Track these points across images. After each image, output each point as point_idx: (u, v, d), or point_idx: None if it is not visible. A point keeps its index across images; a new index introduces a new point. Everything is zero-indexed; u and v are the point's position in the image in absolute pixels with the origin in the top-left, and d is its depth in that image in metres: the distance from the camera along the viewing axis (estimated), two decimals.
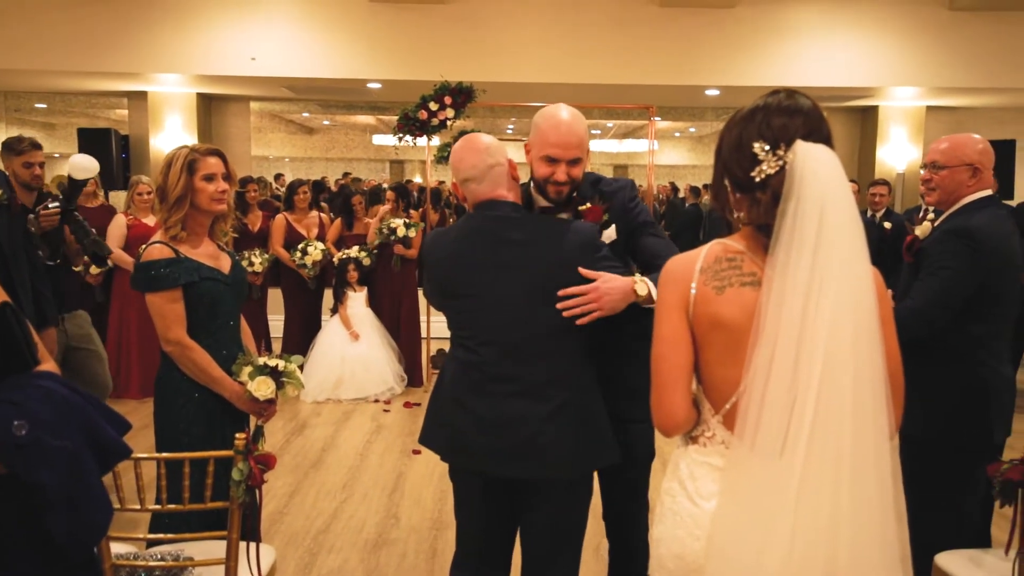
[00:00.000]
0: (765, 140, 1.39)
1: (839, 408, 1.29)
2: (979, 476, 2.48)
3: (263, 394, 2.48)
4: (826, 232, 1.30)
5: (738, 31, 7.17)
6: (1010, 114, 8.80)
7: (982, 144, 2.53)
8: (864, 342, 1.31)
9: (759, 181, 1.39)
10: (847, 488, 1.30)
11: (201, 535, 2.24)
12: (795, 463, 1.30)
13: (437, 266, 2.15)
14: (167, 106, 8.18)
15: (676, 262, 1.52)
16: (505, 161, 2.13)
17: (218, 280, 2.54)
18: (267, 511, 3.85)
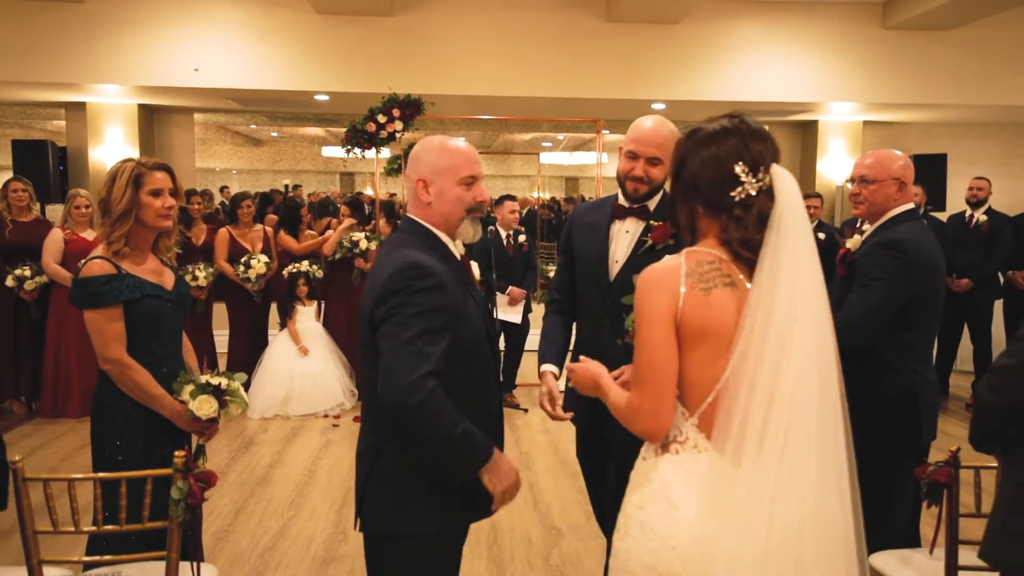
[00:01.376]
0: (745, 163, 1.51)
1: (808, 412, 1.41)
2: (909, 478, 2.58)
3: (205, 413, 2.44)
4: (801, 248, 1.45)
5: (683, 47, 7.33)
6: (942, 129, 9.17)
7: (904, 159, 2.65)
8: (827, 349, 1.45)
9: (739, 201, 1.50)
10: (815, 488, 1.40)
11: (140, 556, 2.19)
12: (772, 464, 1.39)
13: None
14: (107, 117, 7.98)
15: (658, 270, 1.53)
16: (415, 176, 1.96)
17: (161, 297, 2.49)
18: (212, 530, 3.77)
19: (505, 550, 3.64)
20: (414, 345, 1.70)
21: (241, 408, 2.54)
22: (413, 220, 1.94)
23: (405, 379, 1.68)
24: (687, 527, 1.44)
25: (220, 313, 6.30)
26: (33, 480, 1.98)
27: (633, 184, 2.38)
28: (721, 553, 1.38)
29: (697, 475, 1.48)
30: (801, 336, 1.42)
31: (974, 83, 7.47)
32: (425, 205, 1.91)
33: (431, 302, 1.74)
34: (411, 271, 1.76)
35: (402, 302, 1.73)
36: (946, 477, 2.13)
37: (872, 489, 2.58)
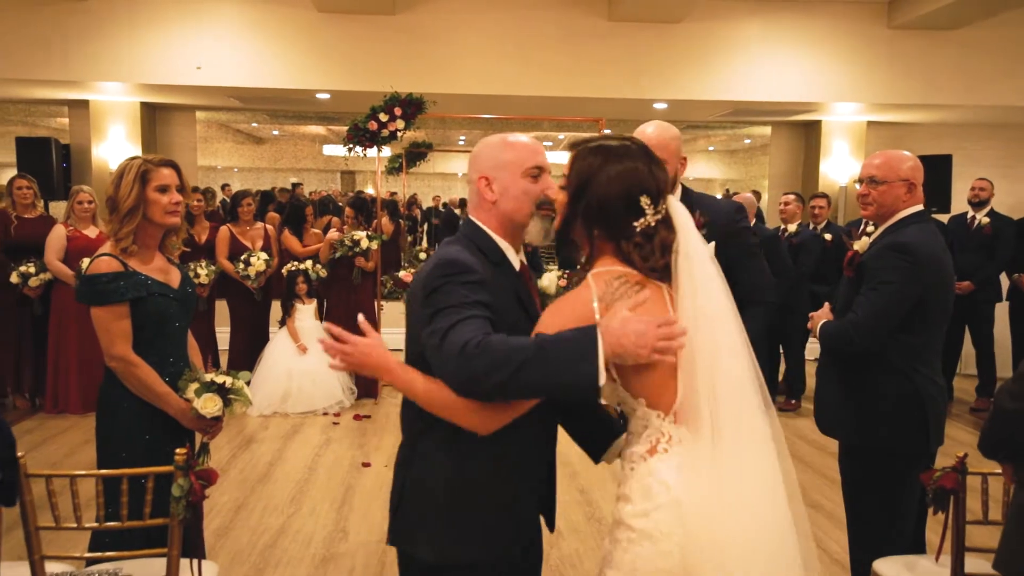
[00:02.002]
0: (650, 195, 1.58)
1: (742, 391, 1.54)
2: (915, 483, 2.56)
3: (210, 411, 2.44)
4: (709, 271, 1.59)
5: (685, 46, 7.32)
6: (947, 129, 9.14)
7: (913, 160, 2.62)
8: (740, 336, 1.58)
9: (641, 231, 1.57)
10: (767, 456, 1.54)
11: (141, 552, 2.19)
12: (738, 437, 1.51)
13: None
14: (109, 115, 7.98)
15: (569, 302, 1.57)
16: (476, 174, 1.82)
17: (167, 296, 2.49)
18: (212, 527, 3.77)
19: None
20: (455, 330, 1.52)
21: (245, 407, 2.53)
22: (472, 222, 1.78)
23: (455, 364, 1.49)
24: (694, 514, 1.48)
25: (222, 310, 6.29)
26: (35, 476, 1.97)
27: None
28: (720, 528, 1.45)
29: (688, 462, 1.52)
30: (719, 331, 1.56)
31: (979, 83, 7.44)
32: (489, 205, 1.76)
33: (470, 295, 1.58)
34: (447, 267, 1.62)
35: (440, 298, 1.58)
36: (953, 483, 2.11)
37: (877, 493, 2.59)
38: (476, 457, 1.65)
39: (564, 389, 1.47)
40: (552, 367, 1.45)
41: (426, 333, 1.58)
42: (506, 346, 1.47)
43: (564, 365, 1.44)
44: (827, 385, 2.76)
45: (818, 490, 4.44)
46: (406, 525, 1.74)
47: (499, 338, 1.49)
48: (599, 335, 1.44)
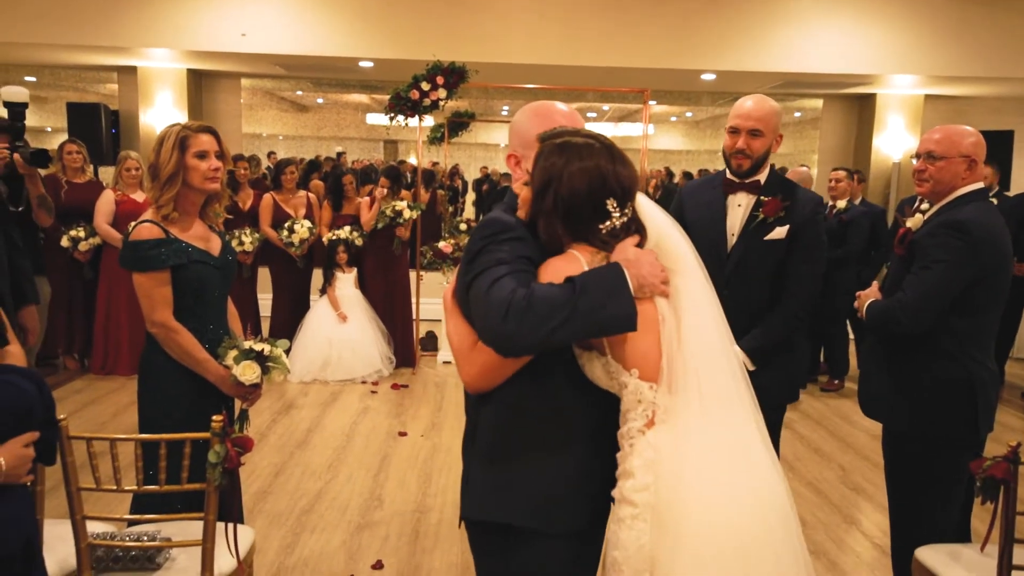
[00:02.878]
0: (616, 197, 1.56)
1: (721, 362, 1.56)
2: (962, 471, 2.47)
3: (248, 379, 2.46)
4: (685, 259, 1.60)
5: (734, 16, 7.10)
6: (1009, 104, 8.75)
7: (975, 136, 2.50)
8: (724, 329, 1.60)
9: (607, 233, 1.56)
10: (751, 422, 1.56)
11: (180, 516, 2.23)
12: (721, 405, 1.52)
13: None
14: (157, 81, 8.08)
15: (561, 266, 1.56)
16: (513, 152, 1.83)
17: (207, 263, 2.51)
18: (251, 490, 3.84)
19: None
20: (496, 286, 1.50)
21: (283, 374, 2.55)
22: (513, 193, 1.75)
23: (495, 318, 1.48)
24: (693, 482, 1.47)
25: (264, 277, 6.37)
26: (77, 439, 2.01)
27: (737, 160, 2.63)
28: (717, 496, 1.46)
29: (682, 433, 1.51)
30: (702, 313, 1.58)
31: None
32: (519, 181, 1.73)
33: (511, 251, 1.57)
34: (486, 227, 1.62)
35: (482, 259, 1.57)
36: (1004, 473, 2.03)
37: (922, 481, 2.51)
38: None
39: (605, 329, 1.51)
40: (593, 310, 1.47)
41: (472, 296, 1.57)
42: (547, 302, 1.46)
43: (604, 304, 1.47)
44: (873, 367, 2.68)
45: (860, 472, 4.34)
46: (483, 489, 1.73)
47: (539, 294, 1.48)
48: (625, 269, 1.50)
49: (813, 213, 2.64)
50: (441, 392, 5.75)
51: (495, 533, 1.66)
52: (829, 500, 3.94)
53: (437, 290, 6.71)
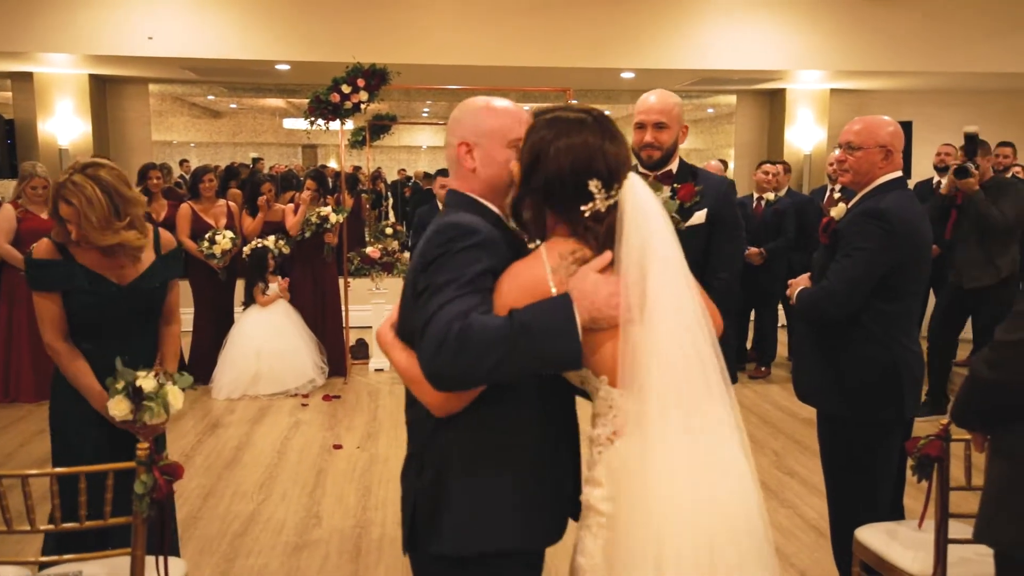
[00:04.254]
0: (601, 178, 1.47)
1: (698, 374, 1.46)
2: (892, 450, 2.55)
3: (116, 414, 2.26)
4: (656, 250, 1.46)
5: (651, 15, 7.22)
6: (907, 96, 9.19)
7: (893, 126, 2.58)
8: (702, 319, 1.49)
9: (590, 215, 1.48)
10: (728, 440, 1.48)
11: (103, 554, 2.08)
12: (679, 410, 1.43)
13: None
14: (56, 88, 7.64)
15: (522, 272, 1.49)
16: (457, 140, 1.72)
17: (98, 293, 2.37)
18: (179, 516, 3.63)
19: None
20: (439, 314, 1.42)
21: (158, 418, 2.27)
22: (457, 192, 1.66)
23: (427, 352, 1.41)
24: (655, 494, 1.42)
25: (183, 291, 6.09)
26: None
27: (647, 152, 2.69)
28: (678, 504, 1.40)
29: (643, 442, 1.45)
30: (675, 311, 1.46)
31: (939, 50, 7.47)
32: (468, 173, 1.64)
33: (470, 264, 1.46)
34: (447, 231, 1.49)
35: (435, 272, 1.47)
36: (938, 451, 2.10)
37: (856, 461, 2.58)
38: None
39: (547, 367, 1.46)
40: (534, 349, 1.40)
41: (417, 314, 1.48)
42: (483, 340, 1.38)
43: (545, 343, 1.40)
44: (805, 352, 2.75)
45: (792, 456, 4.46)
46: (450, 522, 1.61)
47: (476, 330, 1.39)
48: (574, 305, 1.41)
49: (726, 194, 2.79)
50: (375, 401, 5.62)
51: (469, 564, 1.57)
52: (766, 486, 4.03)
53: (366, 296, 6.58)
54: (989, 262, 4.96)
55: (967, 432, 1.92)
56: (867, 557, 2.37)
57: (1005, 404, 1.67)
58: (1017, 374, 1.61)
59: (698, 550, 1.39)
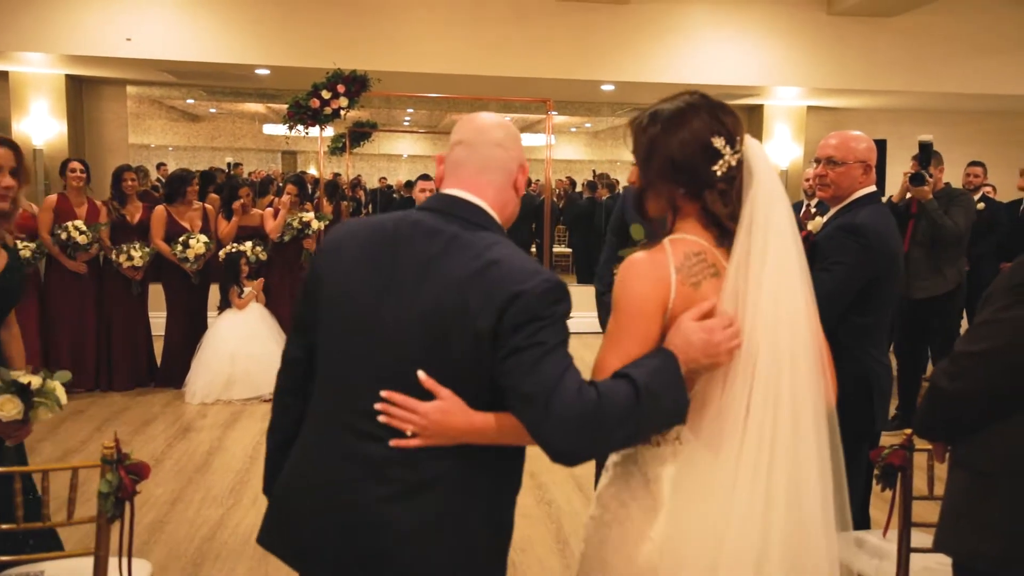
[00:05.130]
0: (722, 136, 1.45)
1: (778, 397, 1.38)
2: (862, 461, 2.58)
3: (7, 414, 2.14)
4: (776, 222, 1.41)
5: (632, 27, 7.29)
6: (883, 115, 9.36)
7: (868, 141, 2.63)
8: (805, 329, 1.43)
9: (721, 176, 1.44)
10: (785, 476, 1.38)
11: (65, 553, 2.06)
12: (743, 454, 1.36)
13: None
14: (31, 88, 7.55)
15: (645, 262, 1.44)
16: (522, 162, 1.56)
17: None
18: (146, 521, 3.61)
19: None
20: (565, 382, 1.30)
21: (52, 412, 2.19)
22: (485, 213, 1.47)
23: (576, 431, 1.29)
24: (667, 519, 1.42)
25: (157, 295, 6.04)
26: None
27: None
28: (698, 545, 1.37)
29: (679, 467, 1.44)
30: (777, 319, 1.40)
31: (915, 70, 7.62)
32: (514, 197, 1.53)
33: (565, 328, 1.39)
34: (560, 291, 1.36)
35: (549, 333, 1.33)
36: (901, 460, 2.13)
37: None
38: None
39: (662, 428, 1.42)
40: (659, 414, 1.36)
41: (524, 377, 1.31)
42: (615, 412, 1.30)
43: (667, 404, 1.35)
44: None
45: None
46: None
47: (607, 400, 1.30)
48: (678, 364, 1.36)
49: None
50: None
51: None
52: None
53: None
54: (938, 272, 5.01)
55: (929, 443, 1.95)
56: None
57: (965, 415, 1.69)
58: (975, 386, 1.63)
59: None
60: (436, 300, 1.36)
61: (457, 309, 1.34)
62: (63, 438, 4.79)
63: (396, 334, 1.39)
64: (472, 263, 1.36)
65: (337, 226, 1.56)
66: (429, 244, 1.41)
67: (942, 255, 4.97)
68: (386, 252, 1.43)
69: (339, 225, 1.57)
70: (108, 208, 5.79)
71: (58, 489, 2.12)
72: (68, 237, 5.46)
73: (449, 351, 1.36)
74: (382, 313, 1.40)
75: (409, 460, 1.39)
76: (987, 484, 1.64)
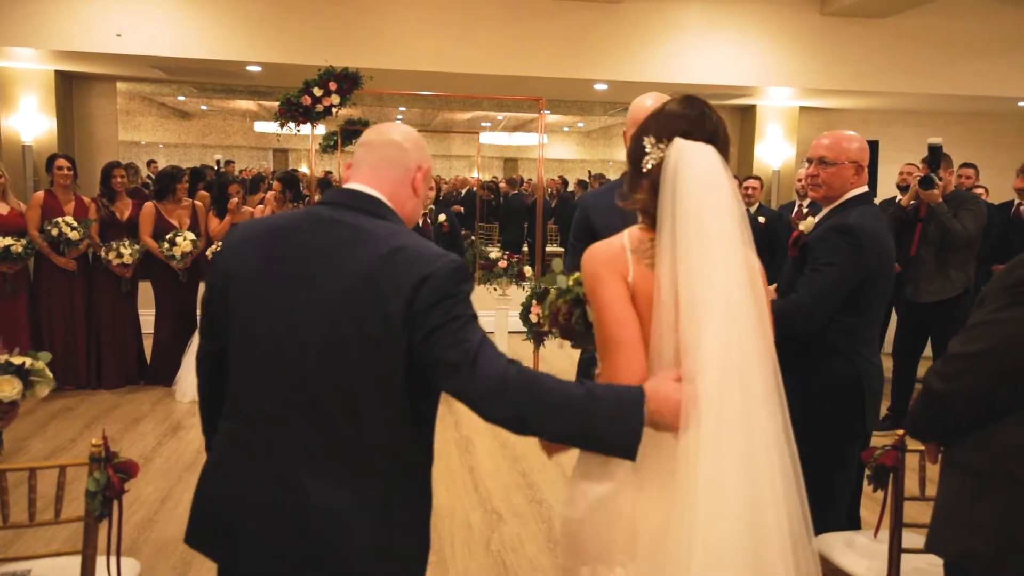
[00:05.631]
0: (654, 135, 1.56)
1: (731, 380, 1.43)
2: (851, 461, 2.59)
3: (7, 395, 2.17)
4: (705, 219, 1.45)
5: (625, 27, 7.29)
6: (875, 116, 9.39)
7: (860, 141, 2.63)
8: (753, 315, 1.46)
9: (645, 171, 1.56)
10: (739, 451, 1.42)
11: (53, 552, 2.04)
12: (700, 434, 1.40)
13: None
14: (20, 84, 7.49)
15: (603, 249, 1.57)
16: (421, 163, 1.62)
17: None
18: (135, 519, 3.59)
19: (445, 535, 3.56)
20: (485, 350, 1.42)
21: (48, 388, 2.25)
22: (390, 208, 1.56)
23: (499, 396, 1.40)
24: (631, 492, 1.49)
25: (146, 292, 6.01)
26: None
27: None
28: (660, 521, 1.41)
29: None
30: (716, 307, 1.43)
31: (907, 71, 7.64)
32: (413, 197, 1.61)
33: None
34: (464, 272, 1.48)
35: (459, 306, 1.43)
36: (893, 461, 2.13)
37: (816, 472, 2.60)
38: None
39: (601, 447, 1.45)
40: (605, 428, 1.40)
41: (448, 349, 1.39)
42: (555, 393, 1.39)
43: (615, 426, 1.40)
44: None
45: None
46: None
47: (543, 378, 1.40)
48: (645, 403, 1.41)
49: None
50: None
51: None
52: None
53: None
54: (945, 276, 5.02)
55: (921, 443, 1.95)
56: (823, 566, 2.39)
57: (958, 416, 1.69)
58: (969, 387, 1.64)
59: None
60: (348, 288, 1.42)
61: (369, 295, 1.41)
62: (51, 436, 4.75)
63: (312, 325, 1.43)
64: (378, 250, 1.44)
65: (239, 224, 1.61)
66: (334, 235, 1.48)
67: (950, 259, 4.98)
68: (293, 246, 1.49)
69: (241, 223, 1.62)
70: (97, 205, 5.75)
71: (46, 488, 2.11)
72: (60, 233, 5.42)
73: (364, 336, 1.41)
74: (296, 305, 1.45)
75: (335, 451, 1.44)
76: (979, 485, 1.64)
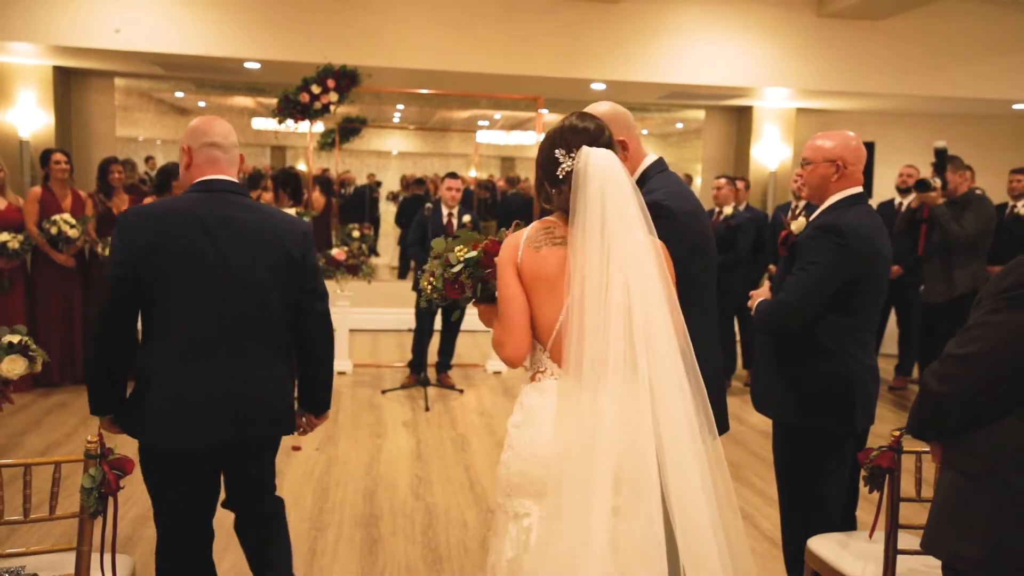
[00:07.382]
0: (563, 148, 1.91)
1: (630, 328, 1.75)
2: (844, 461, 2.59)
3: (17, 371, 2.26)
4: (607, 208, 1.80)
5: (623, 27, 7.29)
6: (871, 117, 9.40)
7: (839, 141, 2.61)
8: (652, 285, 1.78)
9: (562, 177, 1.89)
10: (653, 403, 1.72)
11: (47, 548, 2.03)
12: (612, 385, 1.71)
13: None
14: (18, 79, 7.48)
15: (509, 241, 1.95)
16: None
17: None
18: (130, 516, 3.59)
19: (440, 534, 3.56)
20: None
21: (43, 358, 2.36)
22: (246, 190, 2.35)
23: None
24: (546, 439, 1.82)
25: None
26: None
27: None
28: (573, 464, 1.71)
29: (552, 396, 1.85)
30: (620, 280, 1.75)
31: (904, 73, 7.66)
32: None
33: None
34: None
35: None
36: (889, 462, 2.13)
37: (808, 472, 2.61)
38: None
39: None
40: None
41: (318, 283, 2.38)
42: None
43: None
44: (762, 363, 2.77)
45: (750, 468, 4.51)
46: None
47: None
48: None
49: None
50: (335, 404, 5.54)
51: None
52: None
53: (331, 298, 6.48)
54: (947, 277, 5.06)
55: (925, 443, 1.95)
56: (818, 567, 2.40)
57: (952, 417, 1.70)
58: (963, 388, 1.64)
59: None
60: (262, 243, 2.18)
61: (278, 246, 2.20)
62: (47, 431, 4.74)
63: (243, 272, 2.14)
64: (266, 217, 2.24)
65: (136, 208, 2.19)
66: (232, 210, 2.18)
67: (953, 261, 5.02)
68: (205, 216, 2.12)
69: (139, 207, 2.20)
70: (94, 200, 5.74)
71: (41, 484, 2.10)
72: (59, 231, 5.41)
73: (280, 274, 2.21)
74: (228, 260, 2.12)
75: (265, 352, 2.24)
76: (971, 487, 1.64)
